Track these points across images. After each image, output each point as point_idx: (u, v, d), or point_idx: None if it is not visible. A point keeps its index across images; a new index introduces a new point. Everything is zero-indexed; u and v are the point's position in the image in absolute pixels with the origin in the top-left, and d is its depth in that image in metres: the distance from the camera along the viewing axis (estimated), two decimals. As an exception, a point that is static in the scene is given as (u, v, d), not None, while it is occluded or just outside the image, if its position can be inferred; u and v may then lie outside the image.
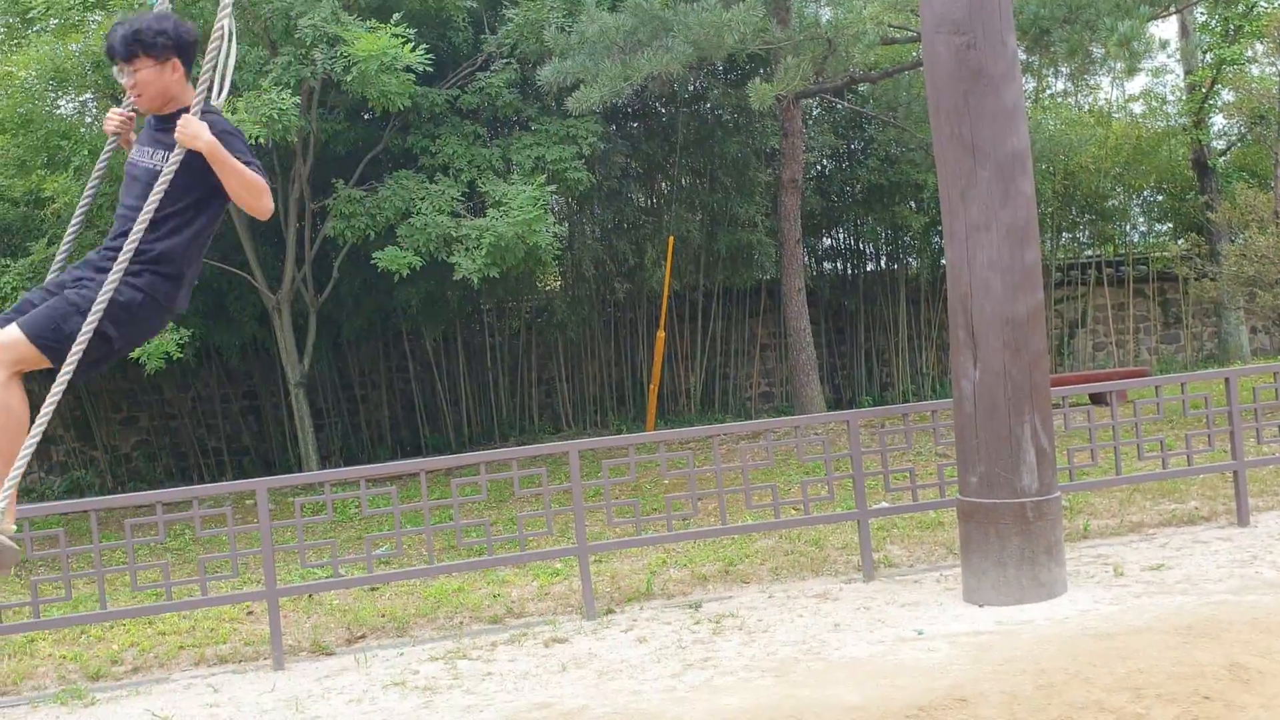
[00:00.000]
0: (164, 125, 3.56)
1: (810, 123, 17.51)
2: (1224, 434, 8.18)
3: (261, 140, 10.88)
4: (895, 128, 16.27)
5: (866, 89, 16.69)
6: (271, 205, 3.56)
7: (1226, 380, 8.20)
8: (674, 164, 16.93)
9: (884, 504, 8.22)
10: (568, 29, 12.17)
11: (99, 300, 3.24)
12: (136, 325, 3.43)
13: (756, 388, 17.79)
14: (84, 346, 3.22)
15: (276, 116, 10.77)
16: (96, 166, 3.86)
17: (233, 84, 11.97)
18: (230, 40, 3.56)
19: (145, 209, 3.37)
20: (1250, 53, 17.38)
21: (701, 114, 16.60)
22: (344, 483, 7.90)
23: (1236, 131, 19.57)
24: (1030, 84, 19.42)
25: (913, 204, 17.91)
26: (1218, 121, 19.25)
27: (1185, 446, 8.16)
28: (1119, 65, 14.25)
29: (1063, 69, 16.61)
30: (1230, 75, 17.64)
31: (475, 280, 11.80)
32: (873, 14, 11.17)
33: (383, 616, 7.56)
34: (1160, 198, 20.69)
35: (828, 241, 19.34)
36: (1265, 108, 16.50)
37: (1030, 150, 6.92)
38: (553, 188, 12.53)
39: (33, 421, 3.25)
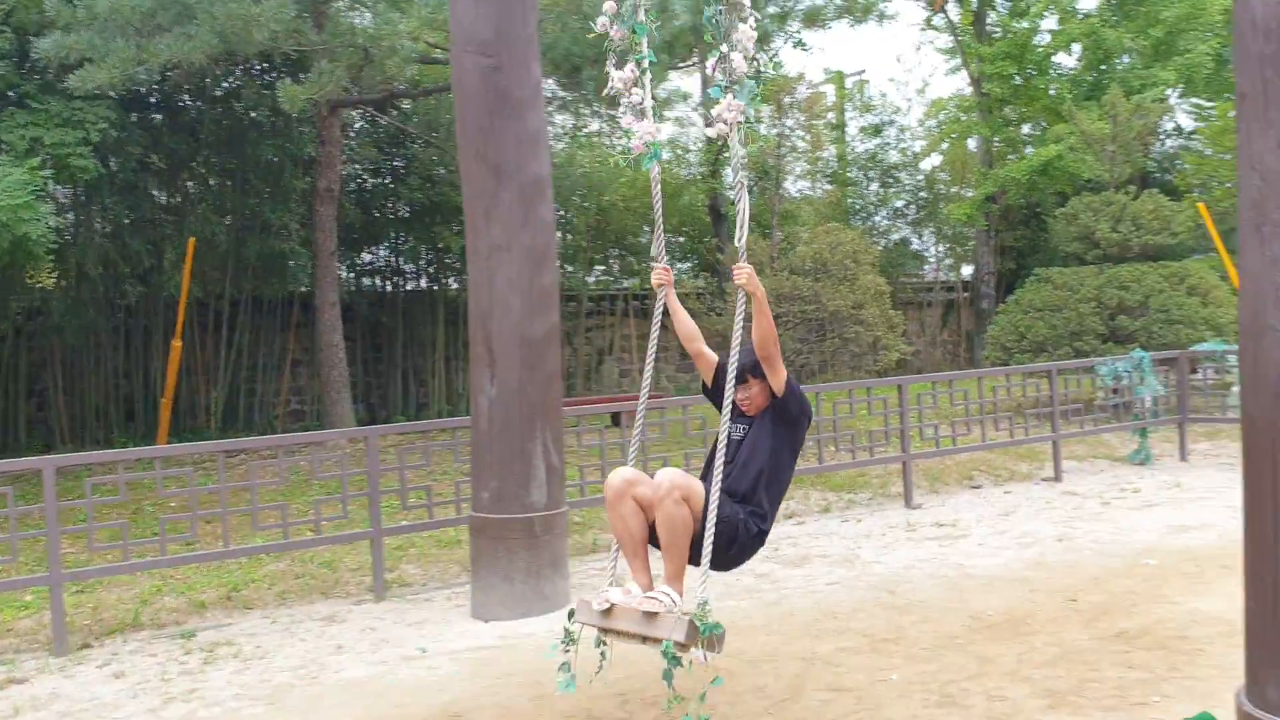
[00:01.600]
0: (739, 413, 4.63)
1: (353, 134, 17.11)
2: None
3: None
4: (437, 148, 16.27)
5: (409, 106, 16.59)
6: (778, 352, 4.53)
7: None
8: (201, 162, 15.80)
9: (403, 522, 8.06)
10: (75, 2, 10.96)
11: (710, 508, 4.29)
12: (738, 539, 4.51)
13: (285, 405, 16.94)
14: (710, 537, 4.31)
15: None
16: (654, 322, 4.98)
17: None
18: (746, 194, 4.68)
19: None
20: (757, 113, 19.30)
21: (234, 112, 15.62)
22: None
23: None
24: (570, 121, 20.28)
25: (454, 226, 17.97)
26: (729, 173, 21.18)
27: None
28: (645, 110, 15.23)
29: (598, 108, 17.47)
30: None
31: (-54, 272, 10.24)
32: (409, 29, 11.05)
33: None
34: (682, 239, 22.41)
35: (368, 257, 18.92)
36: (769, 164, 18.38)
37: (552, 178, 7.13)
38: (50, 173, 11.18)
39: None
